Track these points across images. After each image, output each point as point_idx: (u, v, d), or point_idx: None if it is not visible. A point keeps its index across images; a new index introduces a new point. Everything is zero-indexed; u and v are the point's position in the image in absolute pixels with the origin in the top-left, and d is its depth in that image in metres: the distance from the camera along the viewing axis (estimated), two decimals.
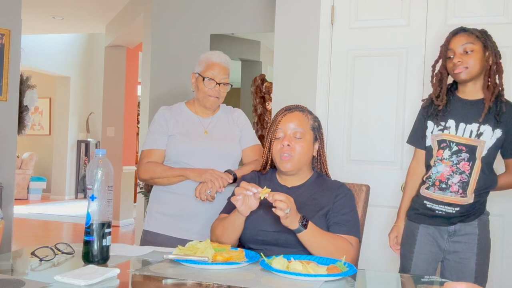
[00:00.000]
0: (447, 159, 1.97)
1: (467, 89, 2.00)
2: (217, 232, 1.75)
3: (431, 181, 2.02)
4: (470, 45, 1.94)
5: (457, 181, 1.96)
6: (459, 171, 1.96)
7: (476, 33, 1.97)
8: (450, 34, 2.00)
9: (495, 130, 1.94)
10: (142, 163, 2.13)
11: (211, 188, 1.98)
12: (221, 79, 2.13)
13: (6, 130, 3.78)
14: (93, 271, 1.35)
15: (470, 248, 1.97)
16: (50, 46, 9.15)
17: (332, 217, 1.72)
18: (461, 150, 1.96)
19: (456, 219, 1.98)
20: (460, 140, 1.96)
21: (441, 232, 2.01)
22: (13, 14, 3.81)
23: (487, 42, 1.97)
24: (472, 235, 1.98)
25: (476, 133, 1.95)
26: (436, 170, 2.00)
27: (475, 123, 1.95)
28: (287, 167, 1.76)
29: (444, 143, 1.99)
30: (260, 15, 4.18)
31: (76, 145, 9.98)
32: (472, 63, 1.93)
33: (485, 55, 1.96)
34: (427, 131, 2.06)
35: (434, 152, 2.03)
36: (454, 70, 1.96)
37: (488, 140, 1.94)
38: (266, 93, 4.91)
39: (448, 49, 1.99)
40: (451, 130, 1.98)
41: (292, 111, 1.81)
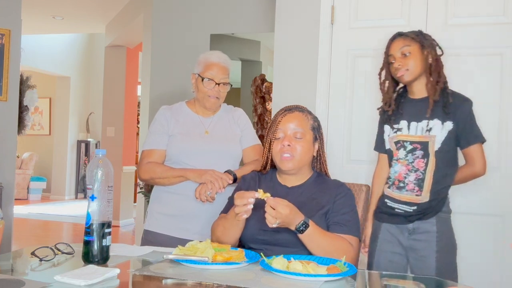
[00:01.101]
0: (403, 159, 2.04)
1: (414, 89, 2.08)
2: (218, 232, 1.75)
3: (391, 181, 2.08)
4: (407, 47, 2.02)
5: (413, 179, 2.01)
6: (414, 169, 2.02)
7: (411, 35, 2.05)
8: (389, 41, 2.10)
9: (445, 123, 2.00)
10: (143, 163, 2.13)
11: (211, 189, 1.98)
12: (220, 79, 2.13)
13: (6, 130, 3.78)
14: (93, 271, 1.35)
15: (429, 245, 2.00)
16: (50, 46, 9.15)
17: (332, 216, 1.72)
18: (415, 148, 2.02)
19: (414, 217, 2.02)
20: (413, 138, 2.03)
21: (401, 230, 2.05)
22: (13, 14, 3.81)
23: (424, 41, 2.04)
24: (431, 233, 2.01)
25: (426, 129, 2.01)
26: (394, 170, 2.07)
27: (424, 120, 2.02)
28: (288, 166, 1.76)
29: (399, 143, 2.06)
30: (260, 15, 4.18)
31: (76, 145, 9.98)
32: (412, 64, 2.01)
33: (424, 54, 2.03)
34: (384, 135, 2.14)
35: (394, 154, 2.09)
36: (396, 74, 2.05)
37: (438, 133, 2.00)
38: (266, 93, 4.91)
39: (389, 55, 2.07)
40: (403, 130, 2.06)
41: (292, 111, 1.81)
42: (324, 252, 1.60)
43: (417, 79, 2.05)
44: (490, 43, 2.49)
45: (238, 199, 1.58)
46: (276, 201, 1.54)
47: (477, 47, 2.51)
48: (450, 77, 2.52)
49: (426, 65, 2.03)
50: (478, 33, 2.50)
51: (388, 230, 2.08)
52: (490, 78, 2.48)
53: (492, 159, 2.45)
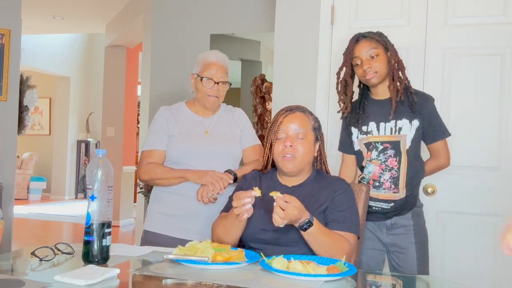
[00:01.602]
0: (375, 159, 2.10)
1: (378, 90, 2.13)
2: (218, 231, 1.75)
3: (365, 181, 2.14)
4: (374, 50, 2.06)
5: (388, 178, 2.08)
6: (388, 168, 2.08)
7: (375, 37, 2.09)
8: (352, 42, 2.12)
9: (413, 122, 2.07)
10: (143, 164, 2.13)
11: (212, 191, 1.98)
12: (219, 78, 2.12)
13: (6, 130, 3.78)
14: (93, 271, 1.35)
15: (408, 238, 2.10)
16: (50, 46, 9.15)
17: (330, 213, 1.72)
18: (386, 148, 2.09)
19: (391, 214, 2.10)
20: (383, 138, 2.09)
21: (380, 227, 2.13)
22: (13, 14, 3.81)
23: (387, 43, 2.10)
24: (408, 226, 2.10)
25: (395, 129, 2.07)
26: (368, 170, 2.13)
27: (392, 120, 2.08)
28: (289, 167, 1.76)
29: (370, 145, 2.12)
30: (260, 15, 4.18)
31: (76, 145, 9.98)
32: (379, 66, 2.06)
33: (388, 56, 2.08)
34: (352, 137, 2.18)
35: (364, 154, 2.15)
36: (365, 76, 2.07)
37: (408, 132, 2.07)
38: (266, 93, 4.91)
39: (354, 56, 2.09)
40: (373, 132, 2.11)
41: (294, 111, 1.81)
42: (324, 250, 1.60)
43: (382, 82, 2.10)
44: (490, 43, 2.48)
45: (235, 201, 1.57)
46: (287, 200, 1.52)
47: (477, 47, 2.51)
48: (450, 77, 2.53)
49: (390, 67, 2.08)
50: (478, 33, 2.50)
51: (367, 228, 2.14)
52: (490, 78, 2.48)
53: (492, 159, 2.45)
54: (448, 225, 2.49)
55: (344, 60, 2.16)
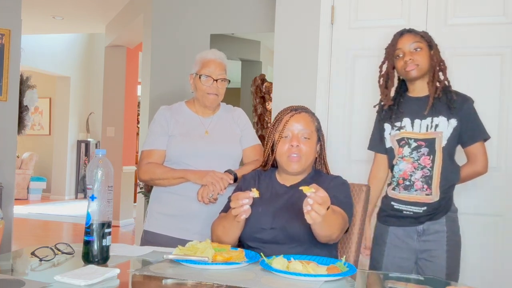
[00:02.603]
0: (408, 156, 2.03)
1: (416, 87, 2.08)
2: (218, 231, 1.75)
3: (395, 181, 2.07)
4: (418, 43, 2.04)
5: (420, 177, 2.00)
6: (420, 166, 2.01)
7: (421, 33, 2.07)
8: (397, 35, 2.09)
9: (450, 120, 2.01)
10: (143, 164, 2.13)
11: (212, 191, 1.98)
12: (218, 75, 2.12)
13: (6, 130, 3.78)
14: (93, 271, 1.35)
15: (440, 245, 2.00)
16: (50, 46, 9.15)
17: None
18: (420, 146, 2.01)
19: (424, 218, 2.01)
20: (418, 135, 2.02)
21: (410, 233, 2.03)
22: (13, 14, 3.81)
23: (431, 41, 2.07)
24: (441, 233, 2.00)
25: (432, 126, 2.01)
26: (398, 168, 2.05)
27: (428, 117, 2.02)
28: (295, 167, 1.76)
29: (403, 141, 2.05)
30: (260, 15, 4.18)
31: (76, 145, 9.98)
32: (421, 60, 2.02)
33: (431, 54, 2.05)
34: (385, 133, 2.13)
35: (395, 152, 2.07)
36: (405, 68, 2.03)
37: (445, 130, 2.00)
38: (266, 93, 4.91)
39: (396, 49, 2.06)
40: (407, 128, 2.05)
41: (299, 112, 1.81)
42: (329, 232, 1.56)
43: (421, 77, 2.05)
44: (490, 43, 2.49)
45: (233, 202, 1.56)
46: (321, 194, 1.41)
47: (477, 47, 2.51)
48: (450, 77, 2.53)
49: (431, 64, 2.05)
50: (478, 33, 2.50)
51: (395, 234, 2.06)
52: (490, 78, 2.48)
53: (492, 159, 2.45)
54: None
55: (387, 54, 2.12)
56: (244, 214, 1.56)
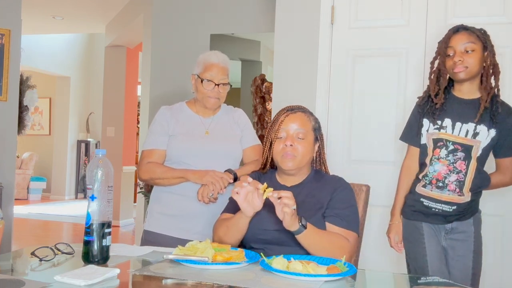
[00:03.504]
0: (444, 158, 1.99)
1: (464, 88, 2.01)
2: (220, 232, 1.75)
3: (427, 180, 2.03)
4: (471, 44, 1.95)
5: (454, 180, 1.98)
6: (456, 170, 1.98)
7: (477, 32, 1.97)
8: (451, 31, 2.00)
9: (490, 130, 1.97)
10: (143, 163, 2.13)
11: (212, 190, 1.99)
12: (220, 79, 2.12)
13: (6, 130, 3.78)
14: (93, 271, 1.35)
15: (467, 245, 2.00)
16: (50, 46, 9.15)
17: (330, 210, 1.71)
18: (457, 149, 1.98)
19: (453, 217, 2.00)
20: (456, 139, 1.98)
21: (438, 230, 2.04)
22: (13, 14, 3.81)
23: (487, 42, 1.98)
24: (468, 233, 2.01)
25: (473, 133, 1.97)
26: (433, 169, 2.01)
27: (471, 122, 1.97)
28: (289, 165, 1.76)
29: (441, 142, 2.00)
30: (260, 15, 4.18)
31: (76, 145, 9.98)
32: (472, 62, 1.94)
33: (484, 56, 1.97)
34: (422, 129, 2.06)
35: (429, 151, 2.04)
36: (453, 68, 1.96)
37: (483, 140, 1.97)
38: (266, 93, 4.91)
39: (448, 46, 1.98)
40: (447, 129, 1.99)
41: (295, 111, 1.81)
42: (324, 251, 1.59)
43: (470, 79, 1.98)
44: None
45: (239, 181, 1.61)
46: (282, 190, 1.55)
47: None
48: None
49: (482, 67, 1.97)
50: None
51: (431, 229, 2.04)
52: None
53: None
54: None
55: (439, 49, 2.03)
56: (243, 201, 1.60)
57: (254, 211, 1.62)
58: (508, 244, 2.42)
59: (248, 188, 1.59)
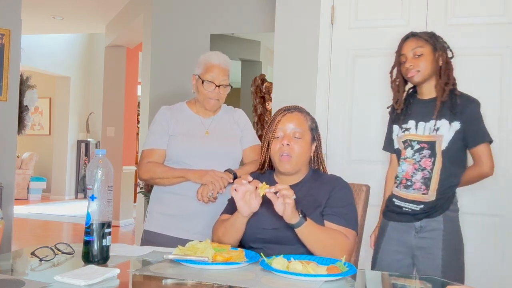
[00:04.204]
0: (410, 158, 2.07)
1: (424, 89, 2.10)
2: (219, 233, 1.75)
3: (398, 180, 2.11)
4: (419, 48, 2.05)
5: (420, 178, 2.04)
6: (421, 168, 2.05)
7: (424, 36, 2.07)
8: (401, 40, 2.11)
9: (453, 123, 2.02)
10: (143, 163, 2.13)
11: (212, 190, 1.99)
12: (220, 81, 2.13)
13: (6, 130, 3.78)
14: (93, 271, 1.35)
15: (436, 243, 2.02)
16: (50, 46, 9.15)
17: (329, 208, 1.71)
18: (423, 148, 2.05)
19: (421, 216, 2.05)
20: (421, 138, 2.06)
21: (408, 229, 2.07)
22: (13, 14, 3.81)
23: (436, 43, 2.07)
24: (438, 231, 2.03)
25: (434, 129, 2.04)
26: (401, 169, 2.10)
27: (432, 120, 2.05)
28: (286, 167, 1.76)
29: (406, 142, 2.09)
30: (260, 15, 4.18)
31: (76, 145, 9.98)
32: (423, 65, 2.04)
33: (435, 56, 2.05)
34: (393, 135, 2.18)
35: (402, 153, 2.12)
36: (407, 74, 2.07)
37: (446, 133, 2.02)
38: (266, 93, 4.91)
39: (401, 54, 2.09)
40: (411, 130, 2.09)
41: (292, 111, 1.81)
42: (322, 246, 1.59)
43: (427, 81, 2.07)
44: (490, 43, 2.49)
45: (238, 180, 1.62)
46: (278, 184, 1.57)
47: (477, 47, 2.51)
48: None
49: (436, 67, 2.05)
50: (478, 33, 2.50)
51: (394, 229, 2.11)
52: (490, 78, 2.48)
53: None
54: None
55: (395, 59, 2.15)
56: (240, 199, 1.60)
57: (251, 212, 1.63)
58: (508, 244, 2.42)
59: (248, 187, 1.59)
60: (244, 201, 1.61)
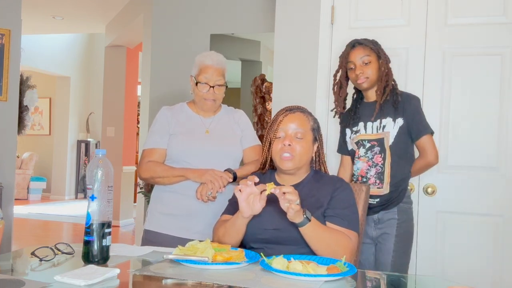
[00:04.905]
0: (363, 156, 2.24)
1: (369, 93, 2.29)
2: (219, 233, 1.75)
3: (355, 178, 2.28)
4: (367, 57, 2.22)
5: (374, 173, 2.21)
6: (374, 164, 2.22)
7: (370, 45, 2.24)
8: (348, 47, 2.27)
9: (397, 120, 2.20)
10: (143, 162, 2.14)
11: (211, 189, 1.99)
12: (215, 81, 2.13)
13: (6, 130, 3.78)
14: (93, 271, 1.35)
15: (390, 230, 2.19)
16: (50, 46, 9.15)
17: (331, 210, 1.72)
18: (373, 146, 2.22)
19: (378, 208, 2.21)
20: (370, 136, 2.24)
21: (368, 222, 2.21)
22: (13, 14, 3.81)
23: (380, 52, 2.25)
24: (392, 220, 2.20)
25: (380, 127, 2.21)
26: (357, 167, 2.27)
27: (377, 119, 2.23)
28: (288, 165, 1.76)
29: (359, 143, 2.26)
30: (260, 15, 4.18)
31: (76, 145, 9.98)
32: (370, 72, 2.22)
33: (379, 64, 2.23)
34: (346, 137, 2.34)
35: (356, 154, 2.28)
36: (357, 80, 2.23)
37: (391, 130, 2.20)
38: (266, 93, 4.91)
39: (348, 61, 2.25)
40: (361, 131, 2.26)
41: (294, 111, 1.82)
42: (326, 246, 1.60)
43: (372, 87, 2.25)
44: (490, 43, 2.49)
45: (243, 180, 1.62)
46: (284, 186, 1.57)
47: (477, 47, 2.51)
48: (450, 77, 2.53)
49: (380, 74, 2.23)
50: (478, 33, 2.50)
51: None
52: (490, 78, 2.48)
53: (492, 159, 2.45)
54: (448, 225, 2.50)
55: (340, 63, 2.31)
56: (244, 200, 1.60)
57: (252, 214, 1.63)
58: (508, 244, 2.42)
59: (253, 189, 1.59)
60: (247, 202, 1.61)
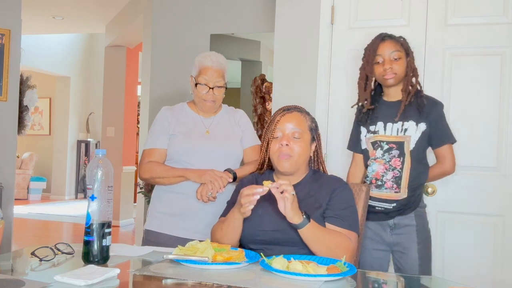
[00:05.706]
0: (380, 158, 2.16)
1: (391, 92, 2.20)
2: (217, 235, 1.75)
3: (368, 180, 2.19)
4: (397, 52, 2.14)
5: (391, 177, 2.13)
6: (391, 167, 2.14)
7: (400, 40, 2.18)
8: (378, 40, 2.18)
9: (419, 124, 2.13)
10: (144, 162, 2.14)
11: (211, 189, 1.99)
12: (214, 83, 2.13)
13: (6, 130, 3.78)
14: (93, 271, 1.35)
15: (411, 238, 2.13)
16: (50, 46, 9.15)
17: (330, 210, 1.71)
18: (391, 148, 2.14)
19: (394, 213, 2.14)
20: (389, 138, 2.15)
21: (383, 227, 2.17)
22: (13, 14, 3.81)
23: (409, 49, 2.18)
24: (411, 227, 2.14)
25: (402, 129, 2.14)
26: (372, 169, 2.18)
27: (399, 121, 2.14)
28: (285, 166, 1.76)
29: (376, 143, 2.18)
30: (260, 15, 4.18)
31: (76, 145, 9.98)
32: (399, 69, 2.13)
33: (407, 61, 2.16)
34: (361, 135, 2.26)
35: (370, 154, 2.19)
36: (384, 75, 2.14)
37: (413, 134, 2.13)
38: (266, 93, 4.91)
39: (376, 54, 2.15)
40: (380, 131, 2.17)
41: (291, 111, 1.81)
42: (325, 247, 1.60)
43: (397, 84, 2.17)
44: (490, 43, 2.48)
45: (246, 190, 1.57)
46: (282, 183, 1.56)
47: (477, 47, 2.50)
48: (450, 77, 2.53)
49: (407, 72, 2.16)
50: (478, 33, 2.50)
51: (370, 228, 2.18)
52: (490, 78, 2.48)
53: (492, 159, 2.45)
54: (448, 225, 2.49)
55: (367, 56, 2.20)
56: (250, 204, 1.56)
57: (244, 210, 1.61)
58: (508, 244, 2.42)
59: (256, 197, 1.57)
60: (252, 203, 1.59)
